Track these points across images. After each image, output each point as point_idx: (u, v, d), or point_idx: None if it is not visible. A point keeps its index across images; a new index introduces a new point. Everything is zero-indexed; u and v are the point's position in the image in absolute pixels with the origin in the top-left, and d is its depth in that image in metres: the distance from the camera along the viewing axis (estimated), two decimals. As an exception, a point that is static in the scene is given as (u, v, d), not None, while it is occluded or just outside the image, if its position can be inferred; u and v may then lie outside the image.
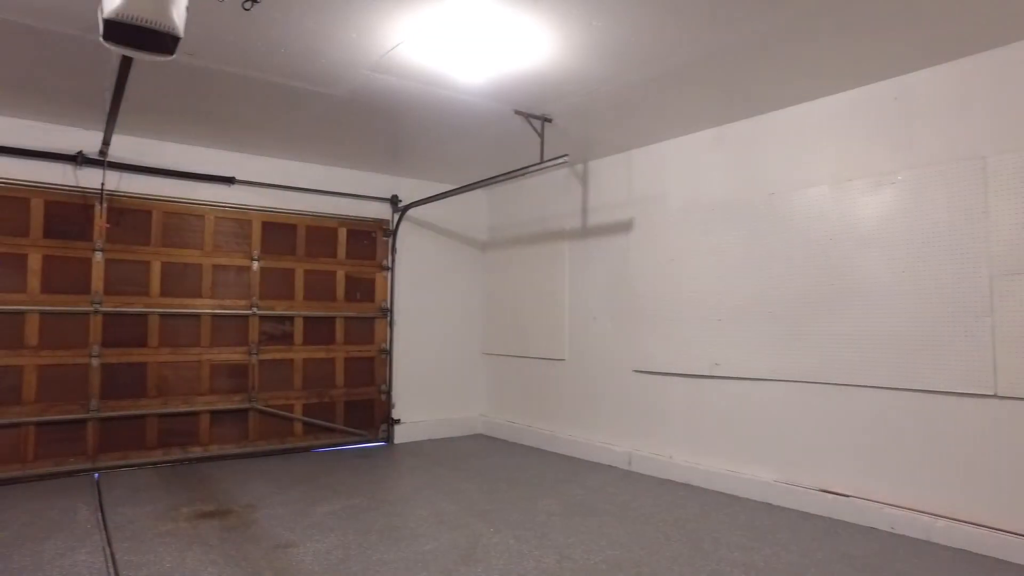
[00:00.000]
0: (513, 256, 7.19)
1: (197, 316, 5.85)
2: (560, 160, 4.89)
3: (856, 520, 4.13)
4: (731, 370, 4.91)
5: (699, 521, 4.22)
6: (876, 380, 4.08)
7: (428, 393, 7.10)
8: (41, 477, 5.16)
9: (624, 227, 5.86)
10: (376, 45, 3.80)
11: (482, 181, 5.81)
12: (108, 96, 4.53)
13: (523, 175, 5.36)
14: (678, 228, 5.39)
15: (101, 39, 2.72)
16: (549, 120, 5.06)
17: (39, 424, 5.20)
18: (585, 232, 6.28)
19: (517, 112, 4.88)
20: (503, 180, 5.59)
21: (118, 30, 2.64)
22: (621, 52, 3.85)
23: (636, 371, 5.69)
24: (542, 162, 5.09)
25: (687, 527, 4.10)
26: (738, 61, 3.96)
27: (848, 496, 4.19)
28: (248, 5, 3.04)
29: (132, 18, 2.53)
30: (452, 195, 6.26)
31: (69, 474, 5.27)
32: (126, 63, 3.52)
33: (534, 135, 5.24)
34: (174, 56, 2.86)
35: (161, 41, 2.72)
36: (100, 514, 4.27)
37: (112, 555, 3.54)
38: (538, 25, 3.52)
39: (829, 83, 4.28)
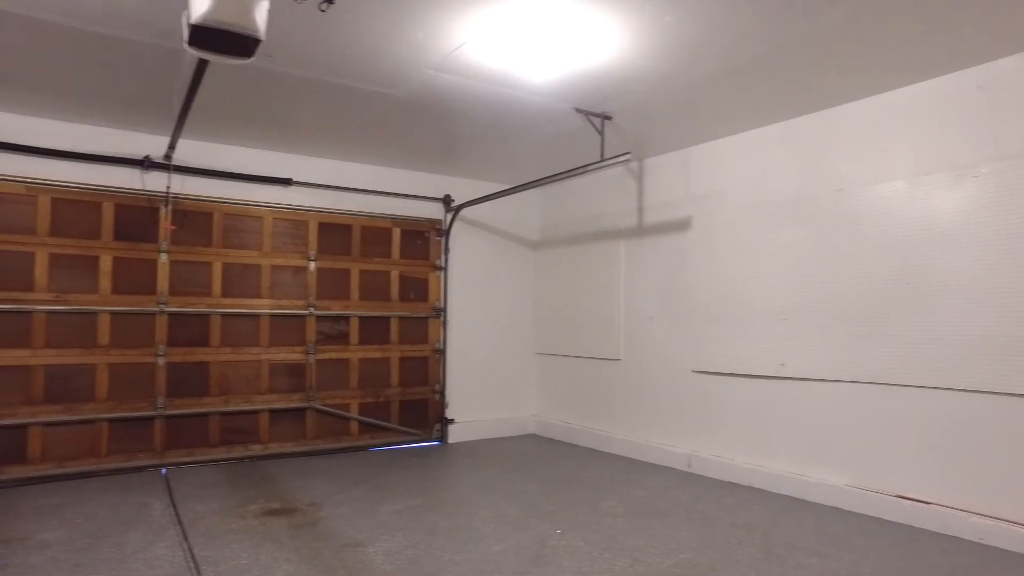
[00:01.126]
0: (565, 255, 7.14)
1: (256, 316, 5.94)
2: (623, 158, 4.82)
3: (938, 528, 3.97)
4: (798, 371, 4.79)
5: (769, 525, 4.12)
6: (962, 382, 3.92)
7: (480, 393, 7.11)
8: (113, 472, 5.30)
9: (682, 225, 5.76)
10: (441, 44, 3.80)
11: (539, 180, 5.77)
12: (176, 101, 4.64)
13: (583, 173, 5.31)
14: (739, 226, 5.28)
15: (186, 45, 2.77)
16: (609, 118, 5.00)
17: (111, 420, 5.35)
18: (641, 231, 6.20)
19: (578, 110, 4.83)
20: (561, 179, 5.55)
21: (203, 35, 2.68)
22: (691, 48, 3.78)
23: (695, 371, 5.60)
24: (603, 160, 5.04)
25: (757, 531, 4.00)
26: (809, 53, 3.84)
27: (928, 503, 4.03)
28: (324, 6, 3.06)
29: (218, 23, 2.57)
30: (507, 194, 6.25)
31: (138, 469, 5.41)
32: (201, 69, 3.58)
33: (591, 133, 5.18)
34: (251, 59, 2.90)
35: (242, 45, 2.76)
36: (173, 509, 4.37)
37: (190, 550, 3.60)
38: (609, 22, 3.47)
39: (905, 73, 4.13)
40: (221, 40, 2.71)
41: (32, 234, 5.14)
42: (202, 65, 3.51)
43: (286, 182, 6.06)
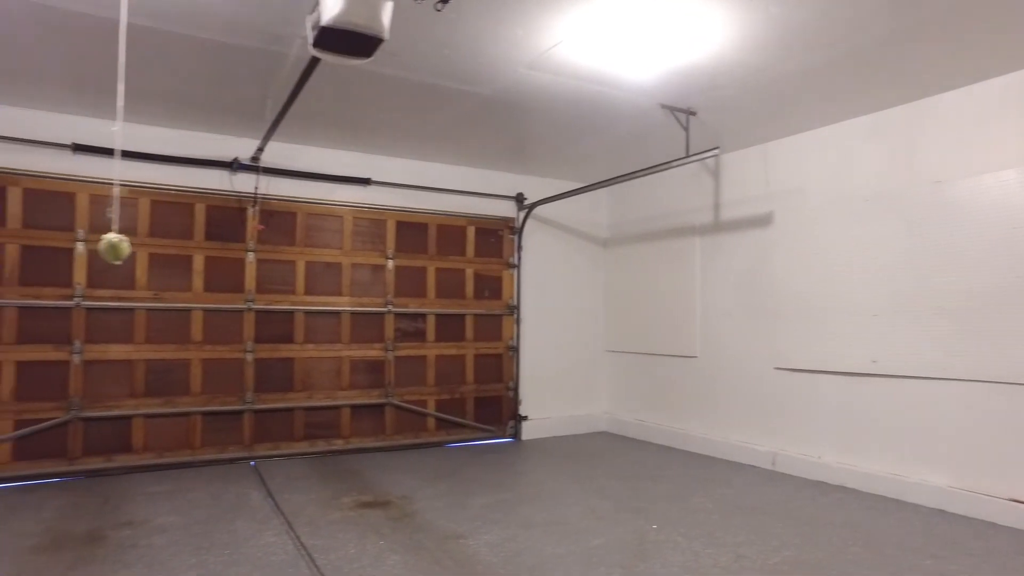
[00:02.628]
0: (637, 252, 7.11)
1: (337, 313, 6.08)
2: (711, 153, 4.79)
3: (1053, 531, 3.84)
4: (891, 367, 4.67)
5: (871, 525, 4.03)
6: (1077, 379, 3.78)
7: (553, 390, 7.13)
8: (207, 463, 5.50)
9: (762, 221, 5.68)
10: (538, 42, 3.83)
11: (620, 177, 5.75)
12: (271, 105, 4.80)
13: (666, 168, 5.27)
14: (824, 221, 5.17)
15: (310, 47, 2.85)
16: (693, 113, 4.96)
17: (204, 414, 5.54)
18: (717, 227, 6.13)
19: (663, 106, 4.81)
20: (642, 175, 5.53)
21: (329, 37, 2.76)
22: (791, 40, 3.73)
23: (778, 368, 5.51)
24: (688, 156, 5.01)
25: (860, 531, 3.92)
26: (911, 41, 3.75)
27: (1042, 504, 3.90)
28: (440, 6, 3.12)
29: (348, 24, 2.64)
30: (583, 192, 6.28)
31: (230, 461, 5.59)
32: (307, 72, 3.69)
33: (670, 129, 5.16)
34: (370, 59, 2.98)
35: (365, 45, 2.83)
36: (271, 500, 4.50)
37: (298, 538, 3.71)
38: (714, 14, 3.45)
39: (1012, 59, 3.99)
40: (345, 41, 2.79)
41: (133, 235, 5.35)
42: (309, 68, 3.61)
43: (365, 182, 6.19)
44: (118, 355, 5.28)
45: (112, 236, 3.07)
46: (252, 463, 5.61)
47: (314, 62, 3.47)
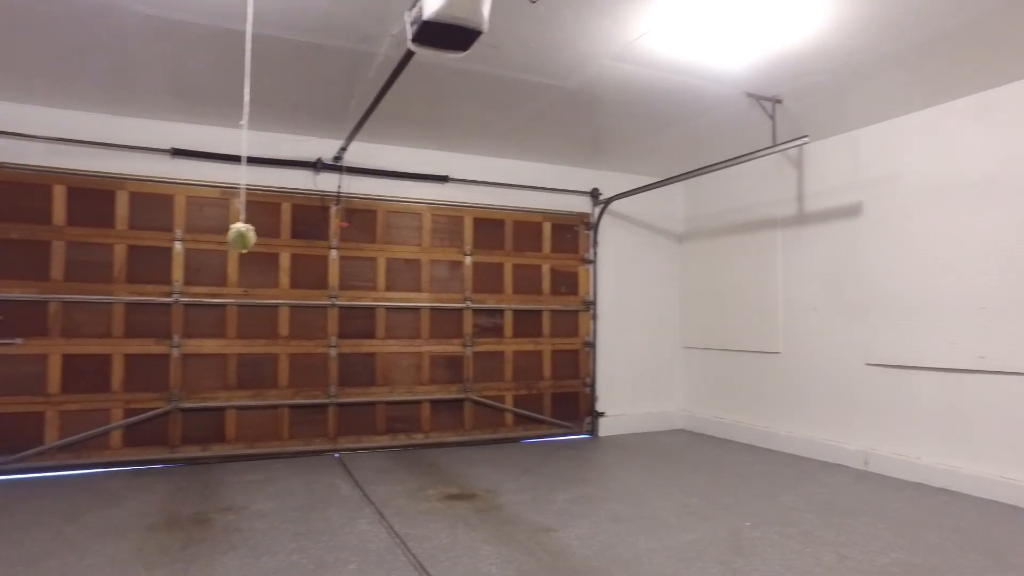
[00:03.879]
0: (714, 247, 6.96)
1: (417, 309, 6.18)
2: (800, 141, 4.64)
3: None
4: (1003, 364, 4.41)
5: (985, 530, 3.81)
6: None
7: (629, 387, 7.05)
8: (294, 454, 5.68)
9: (850, 212, 5.46)
10: (625, 33, 3.79)
11: (701, 169, 5.63)
12: (355, 104, 4.91)
13: (750, 159, 5.13)
14: (922, 209, 4.93)
15: (409, 42, 2.91)
16: (780, 101, 4.82)
17: (291, 407, 5.73)
18: (801, 219, 5.93)
19: (749, 95, 4.69)
20: (723, 166, 5.41)
21: (429, 31, 2.80)
22: (892, 18, 3.57)
23: (869, 364, 5.28)
24: (775, 145, 4.87)
25: (972, 535, 3.72)
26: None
27: None
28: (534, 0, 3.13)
29: (450, 18, 2.68)
30: (660, 186, 6.20)
31: (315, 453, 5.76)
32: (398, 70, 3.76)
33: (755, 118, 5.03)
34: (466, 52, 3.00)
35: (463, 38, 2.86)
36: (360, 491, 4.61)
37: (391, 528, 3.79)
38: (811, -6, 3.34)
39: None
40: (445, 35, 2.83)
41: (225, 234, 5.58)
42: (401, 65, 3.68)
43: (443, 179, 6.27)
44: (212, 349, 5.51)
45: (240, 225, 3.20)
46: (336, 455, 5.77)
47: (406, 59, 3.54)
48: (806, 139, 4.64)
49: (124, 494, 4.47)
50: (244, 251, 3.28)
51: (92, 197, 5.26)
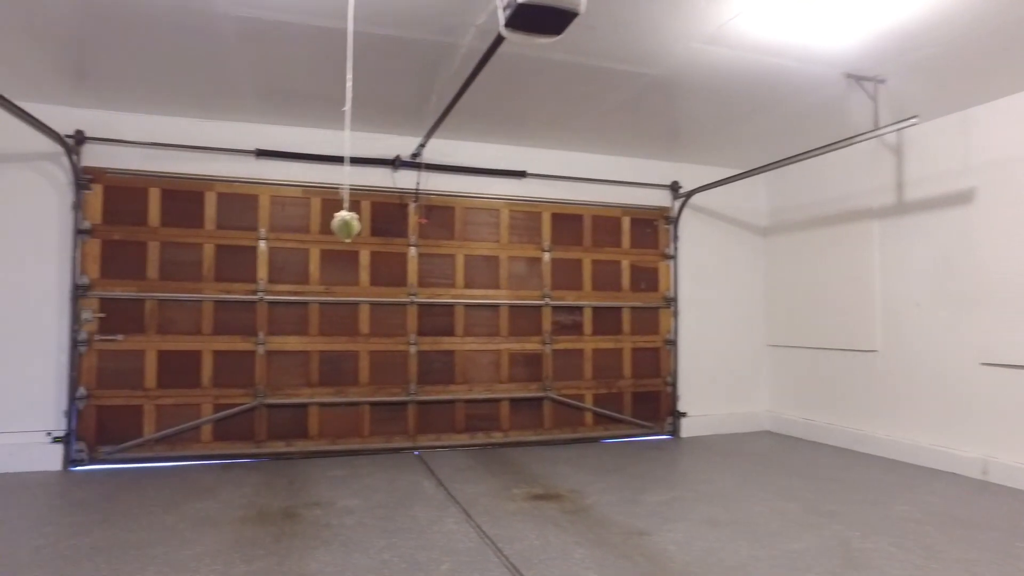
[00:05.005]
0: (801, 240, 6.62)
1: (496, 307, 6.12)
2: (908, 122, 4.32)
3: None
4: None
5: None
6: None
7: (712, 386, 6.79)
8: (375, 451, 5.71)
9: (961, 198, 5.07)
10: (718, 15, 3.61)
11: (792, 157, 5.32)
12: (435, 100, 4.88)
13: (848, 144, 4.82)
14: (1046, 194, 4.52)
15: (502, 28, 2.82)
16: (882, 81, 4.50)
17: (372, 404, 5.76)
18: (901, 208, 5.55)
19: (848, 75, 4.40)
20: (817, 154, 5.09)
21: (523, 15, 2.70)
22: (1023, -19, 3.25)
23: (985, 364, 4.88)
24: (878, 128, 4.56)
25: (1117, 552, 3.35)
26: None
27: None
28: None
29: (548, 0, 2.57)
30: (746, 176, 5.93)
31: (395, 450, 5.77)
32: (483, 60, 3.68)
33: (852, 101, 4.73)
34: (559, 36, 2.89)
35: (558, 21, 2.75)
36: (444, 489, 4.57)
37: (479, 528, 3.72)
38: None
39: None
40: (539, 18, 2.72)
41: (307, 232, 5.68)
42: (488, 54, 3.60)
43: (520, 174, 6.18)
44: (295, 346, 5.60)
45: (345, 213, 3.19)
46: (416, 452, 5.76)
47: (493, 48, 3.46)
48: (915, 120, 4.32)
49: (216, 487, 4.57)
50: (348, 240, 3.26)
51: (183, 199, 5.42)
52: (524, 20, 2.73)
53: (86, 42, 4.08)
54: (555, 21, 2.74)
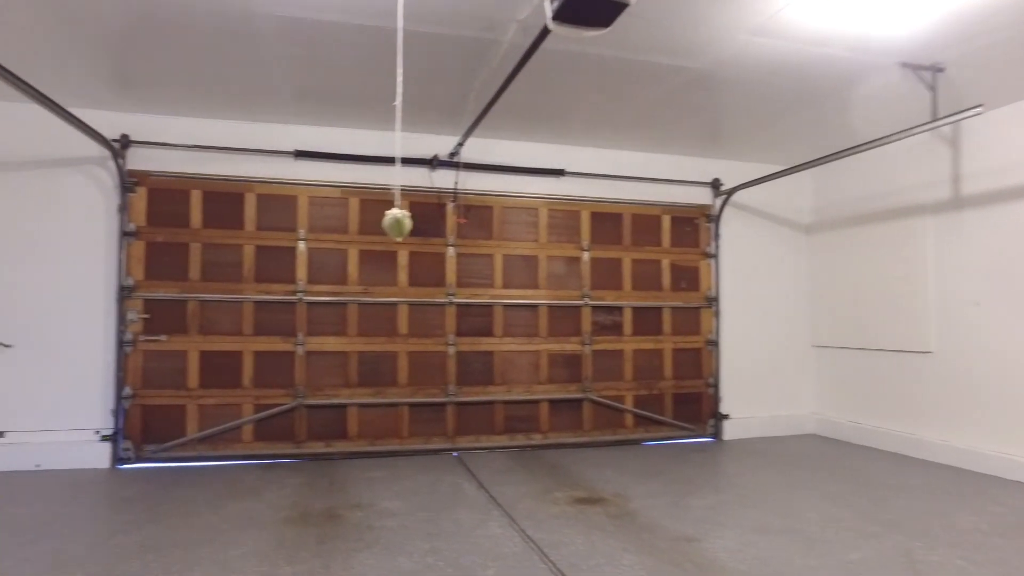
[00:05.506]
0: (847, 237, 6.41)
1: (535, 307, 6.05)
2: (972, 112, 4.14)
3: None
4: None
5: None
6: None
7: (755, 388, 6.63)
8: (413, 452, 5.68)
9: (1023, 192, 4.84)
10: (767, 4, 3.48)
11: (841, 152, 5.13)
12: (474, 98, 4.82)
13: (903, 137, 4.64)
14: (1118, 187, 4.28)
15: (549, 21, 2.75)
16: (941, 70, 4.32)
17: (411, 405, 5.74)
18: (958, 203, 5.33)
19: (904, 65, 4.23)
20: (869, 148, 4.91)
21: (571, 7, 2.63)
22: (1099, -40, 3.07)
23: (1049, 366, 4.65)
24: (936, 120, 4.38)
25: None
26: None
27: None
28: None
29: (597, -12, 2.49)
30: (791, 172, 5.77)
31: (434, 451, 5.74)
32: (526, 57, 3.62)
33: (906, 91, 4.55)
34: (608, 28, 2.81)
35: (607, 13, 2.68)
36: (485, 491, 4.51)
37: (524, 532, 3.65)
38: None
39: None
40: (588, 10, 2.65)
41: (345, 233, 5.68)
42: (530, 51, 3.54)
43: (559, 173, 6.11)
44: (334, 347, 5.60)
45: (396, 211, 3.16)
46: (455, 454, 5.72)
47: (537, 42, 3.39)
48: (980, 109, 4.12)
49: (259, 487, 4.59)
50: (400, 239, 3.23)
51: (224, 200, 5.46)
52: (572, 12, 2.66)
53: (130, 47, 4.12)
54: (604, 13, 2.66)
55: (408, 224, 3.15)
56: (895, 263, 5.87)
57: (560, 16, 2.69)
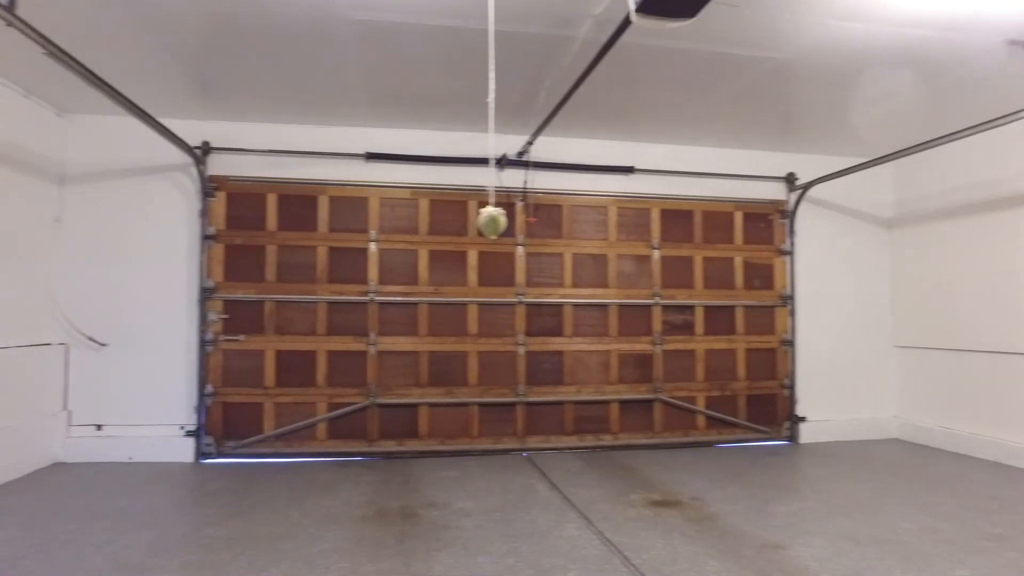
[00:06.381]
0: (934, 232, 6.08)
1: (604, 306, 5.97)
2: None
3: None
4: None
5: None
6: None
7: (832, 389, 6.36)
8: (483, 452, 5.69)
9: None
10: (859, -15, 3.32)
11: (942, 137, 4.76)
12: (544, 96, 4.78)
13: (1014, 119, 4.31)
14: None
15: (633, 14, 2.68)
16: (1050, 49, 4.03)
17: (480, 405, 5.75)
18: (1061, 194, 4.98)
19: (1012, 42, 3.96)
20: (967, 134, 4.60)
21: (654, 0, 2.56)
22: None
23: None
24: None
25: None
26: None
27: None
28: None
29: (685, -23, 2.42)
30: (875, 164, 5.52)
31: (504, 452, 5.73)
32: (602, 53, 3.56)
33: (1011, 72, 4.26)
34: (693, 19, 2.73)
35: (692, 3, 2.59)
36: (558, 492, 4.47)
37: (602, 534, 3.59)
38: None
39: None
40: (668, 2, 2.57)
41: (415, 233, 5.73)
42: (607, 47, 3.48)
43: (628, 170, 6.01)
44: (405, 346, 5.66)
45: (492, 209, 3.16)
46: (524, 454, 5.70)
47: (615, 36, 3.32)
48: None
49: (334, 484, 4.67)
50: (494, 236, 3.23)
51: (298, 203, 5.59)
52: (657, 3, 2.58)
53: (212, 57, 4.27)
54: (690, 2, 2.57)
55: (503, 222, 3.14)
56: (991, 258, 5.53)
57: (644, 8, 2.62)
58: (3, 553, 3.28)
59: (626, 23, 2.98)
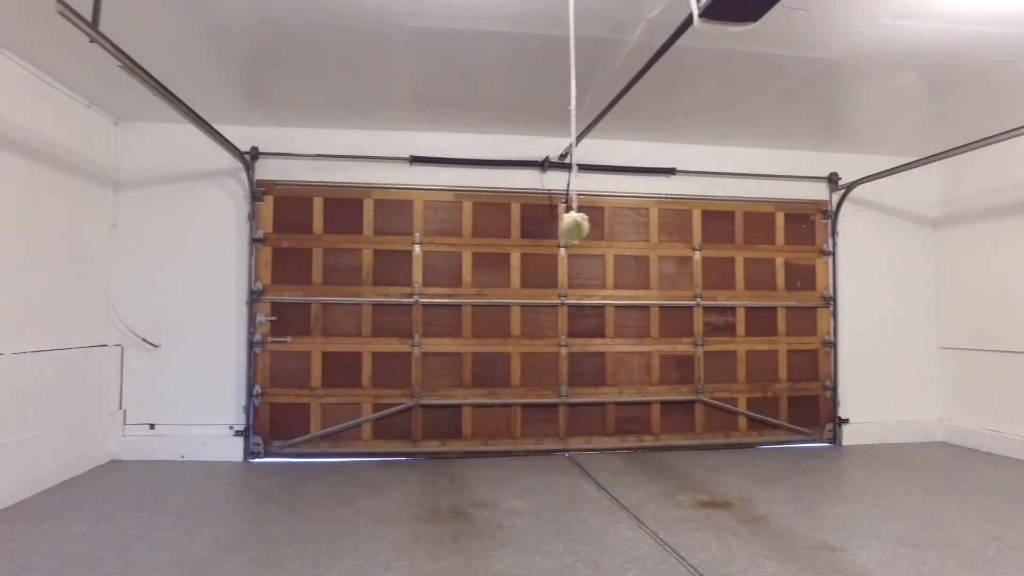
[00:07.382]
0: (982, 231, 5.99)
1: (646, 307, 5.98)
2: None
3: None
4: None
5: None
6: None
7: (875, 391, 6.30)
8: (526, 452, 5.73)
9: None
10: (917, -15, 3.30)
11: (993, 137, 4.66)
12: (590, 99, 4.81)
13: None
14: None
15: (696, 18, 2.70)
16: (1108, 46, 3.96)
17: (523, 405, 5.79)
18: (1117, 193, 4.88)
19: (1066, 41, 3.91)
20: (1019, 133, 4.55)
21: (722, 2, 2.58)
22: None
23: None
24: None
25: None
26: None
27: None
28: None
29: (753, -18, 2.43)
30: (927, 162, 5.42)
31: (546, 452, 5.77)
32: (657, 56, 3.58)
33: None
34: (756, 22, 2.74)
35: (757, 6, 2.61)
36: (606, 493, 4.50)
37: (655, 535, 3.61)
38: None
39: None
40: (738, 5, 2.59)
41: (459, 236, 5.79)
42: (662, 50, 3.49)
43: (669, 171, 6.02)
44: (448, 348, 5.72)
45: (576, 215, 3.20)
46: (567, 455, 5.73)
47: (670, 41, 3.35)
48: None
49: (383, 483, 4.74)
50: (577, 241, 3.27)
51: (344, 206, 5.69)
52: (721, 7, 2.60)
53: (264, 64, 4.36)
54: (755, 6, 2.59)
55: (586, 227, 3.18)
56: (1039, 259, 5.44)
57: (708, 13, 2.64)
58: (81, 545, 3.41)
59: (685, 26, 3.00)
